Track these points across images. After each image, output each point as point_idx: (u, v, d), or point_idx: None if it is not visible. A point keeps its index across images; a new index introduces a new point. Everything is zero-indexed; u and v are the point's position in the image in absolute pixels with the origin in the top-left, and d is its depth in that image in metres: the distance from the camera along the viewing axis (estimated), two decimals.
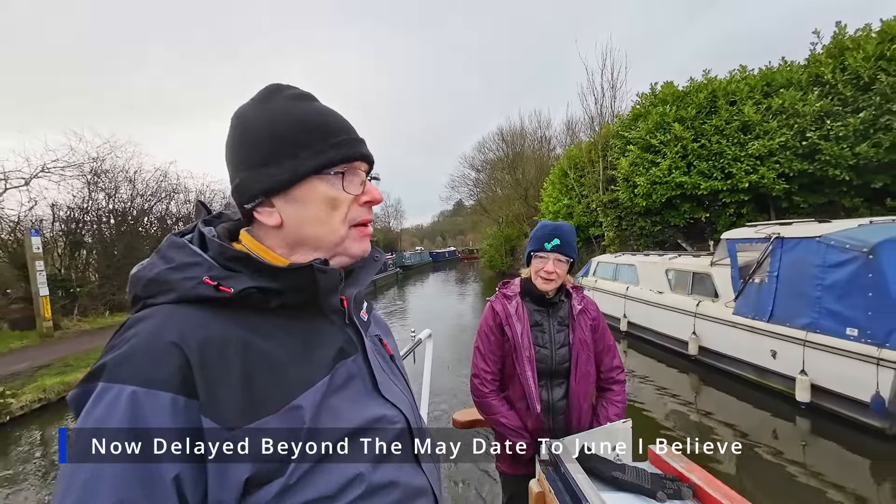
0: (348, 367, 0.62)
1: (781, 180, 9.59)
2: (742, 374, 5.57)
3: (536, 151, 26.55)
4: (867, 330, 4.04)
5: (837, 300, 4.34)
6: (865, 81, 8.54)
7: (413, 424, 0.66)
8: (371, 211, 0.66)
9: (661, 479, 1.10)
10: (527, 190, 24.45)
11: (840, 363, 4.24)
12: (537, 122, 28.47)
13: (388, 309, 15.84)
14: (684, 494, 1.05)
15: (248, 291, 0.53)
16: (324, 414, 0.54)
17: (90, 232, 11.01)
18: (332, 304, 0.64)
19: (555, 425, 1.60)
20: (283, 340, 0.56)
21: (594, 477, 1.12)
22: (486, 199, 31.51)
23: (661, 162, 10.72)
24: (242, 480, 0.46)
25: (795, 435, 4.52)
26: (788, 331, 4.80)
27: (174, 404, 0.45)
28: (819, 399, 4.50)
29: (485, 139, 31.61)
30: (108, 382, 0.45)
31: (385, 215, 56.71)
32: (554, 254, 1.56)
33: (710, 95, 10.54)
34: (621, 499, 1.09)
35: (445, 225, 72.34)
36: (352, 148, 0.62)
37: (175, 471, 0.44)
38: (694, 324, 6.38)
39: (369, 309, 0.78)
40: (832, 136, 8.81)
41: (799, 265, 4.81)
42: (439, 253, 50.08)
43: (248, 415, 0.48)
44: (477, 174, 33.01)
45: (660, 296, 7.39)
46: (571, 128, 23.30)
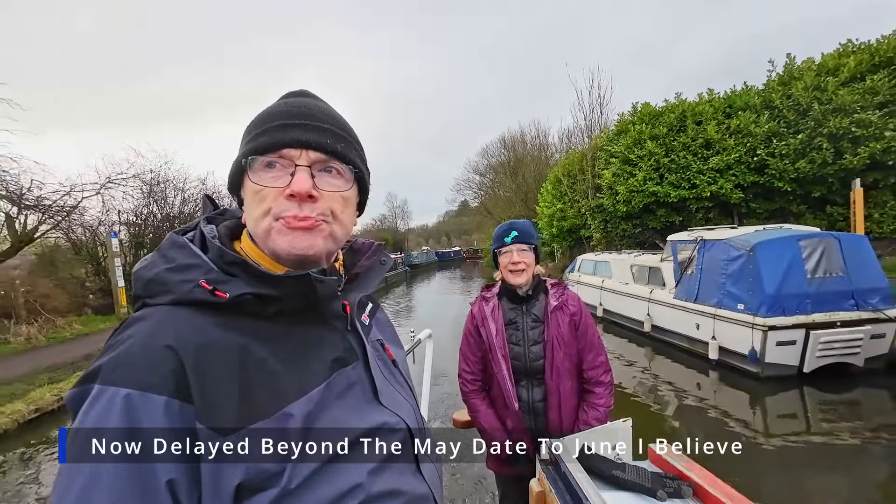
0: (348, 376, 0.60)
1: (738, 190, 11.27)
2: (679, 343, 7.28)
3: (535, 158, 28.33)
4: (748, 305, 5.74)
5: (733, 285, 6.04)
6: (804, 108, 10.19)
7: (414, 431, 0.65)
8: (301, 207, 0.56)
9: (661, 478, 1.08)
10: (526, 193, 26.23)
11: (734, 329, 5.94)
12: (536, 131, 30.27)
13: (398, 305, 17.14)
14: (684, 493, 1.03)
15: (244, 297, 0.52)
16: (320, 423, 0.53)
17: (148, 234, 12.93)
18: (333, 310, 0.62)
19: (536, 425, 1.60)
20: (280, 347, 0.55)
21: (594, 476, 1.10)
22: (489, 201, 33.33)
23: (637, 173, 12.43)
24: (234, 486, 0.46)
25: (709, 384, 6.22)
26: (705, 308, 6.50)
27: (168, 408, 0.45)
28: (723, 356, 6.21)
29: (488, 145, 33.60)
30: (103, 385, 0.45)
31: (392, 216, 58.69)
32: (515, 244, 1.59)
33: (681, 115, 12.23)
34: (622, 498, 1.06)
35: (450, 225, 72.65)
36: (275, 134, 0.56)
37: (169, 475, 0.44)
38: (648, 307, 8.09)
39: (372, 312, 0.74)
40: (777, 154, 10.49)
41: (713, 260, 6.52)
42: (445, 252, 51.12)
43: (241, 420, 0.48)
44: (481, 178, 34.89)
45: (625, 286, 9.11)
46: (568, 137, 25.15)
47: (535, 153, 28.74)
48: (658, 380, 6.70)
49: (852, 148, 9.30)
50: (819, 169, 9.89)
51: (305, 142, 0.57)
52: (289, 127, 0.57)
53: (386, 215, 58.38)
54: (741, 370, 5.93)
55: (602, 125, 17.37)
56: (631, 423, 1.34)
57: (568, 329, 1.59)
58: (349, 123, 0.65)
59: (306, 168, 0.57)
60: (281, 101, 0.62)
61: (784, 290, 5.50)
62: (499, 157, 31.86)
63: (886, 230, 9.81)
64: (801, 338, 5.47)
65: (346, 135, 0.62)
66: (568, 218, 17.81)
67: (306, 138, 0.57)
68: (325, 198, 0.58)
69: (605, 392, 1.60)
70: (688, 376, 6.54)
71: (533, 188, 25.05)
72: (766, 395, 5.55)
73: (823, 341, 5.40)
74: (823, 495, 3.59)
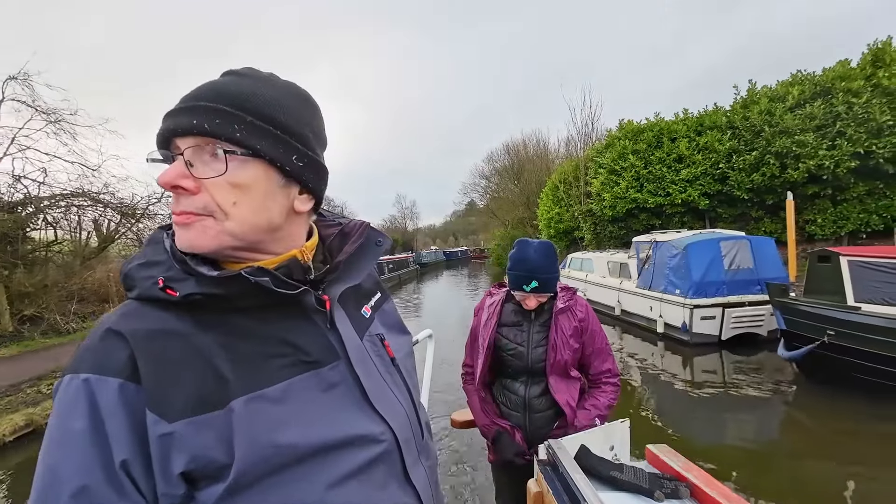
0: (323, 377, 0.57)
1: (704, 198, 13.13)
2: (639, 323, 9.21)
3: (536, 166, 30.32)
4: (682, 290, 7.66)
5: (673, 275, 7.96)
6: (757, 129, 12.03)
7: (401, 439, 0.62)
8: (178, 201, 0.52)
9: (658, 479, 1.07)
10: (528, 197, 28.17)
11: (672, 309, 7.88)
12: (536, 140, 32.43)
13: (408, 301, 17.94)
14: (682, 494, 1.03)
15: (194, 297, 0.51)
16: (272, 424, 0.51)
17: None
18: (308, 304, 0.58)
19: (531, 424, 1.60)
20: (239, 343, 0.53)
21: (592, 476, 1.08)
22: (494, 203, 35.33)
23: (621, 182, 14.34)
24: (178, 472, 0.47)
25: (658, 352, 8.13)
26: (656, 294, 8.43)
27: (122, 390, 0.46)
28: (667, 330, 8.14)
29: (493, 152, 35.66)
30: (70, 374, 0.47)
31: (402, 217, 60.87)
32: (534, 293, 1.53)
33: (658, 133, 14.11)
34: (619, 498, 1.06)
35: (457, 225, 74.18)
36: (161, 124, 0.52)
37: (123, 455, 0.45)
38: (618, 295, 10.02)
39: (379, 303, 0.72)
40: (736, 167, 12.35)
41: (662, 257, 8.44)
42: (452, 252, 52.34)
43: (189, 410, 0.48)
44: (487, 182, 36.95)
45: (603, 279, 11.05)
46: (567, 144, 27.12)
47: (536, 161, 30.73)
48: (623, 352, 8.64)
49: (794, 164, 11.14)
50: (769, 181, 11.74)
51: (173, 129, 0.50)
52: (169, 115, 0.52)
53: (395, 216, 60.62)
54: (677, 339, 7.86)
55: (595, 138, 19.32)
56: (629, 423, 1.34)
57: (574, 333, 1.57)
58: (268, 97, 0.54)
59: (180, 157, 0.51)
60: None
61: (707, 278, 7.41)
62: (503, 162, 33.98)
63: (827, 232, 11.63)
64: (719, 314, 7.37)
65: (235, 109, 0.51)
66: (563, 221, 19.76)
67: (175, 124, 0.50)
68: (207, 187, 0.51)
69: (609, 392, 1.60)
70: (645, 348, 8.45)
71: (535, 191, 27.02)
72: (694, 356, 7.41)
73: (735, 316, 7.31)
74: (734, 430, 4.69)
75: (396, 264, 25.94)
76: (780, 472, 3.70)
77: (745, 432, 4.65)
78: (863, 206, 11.22)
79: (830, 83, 11.10)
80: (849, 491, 3.41)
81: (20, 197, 9.20)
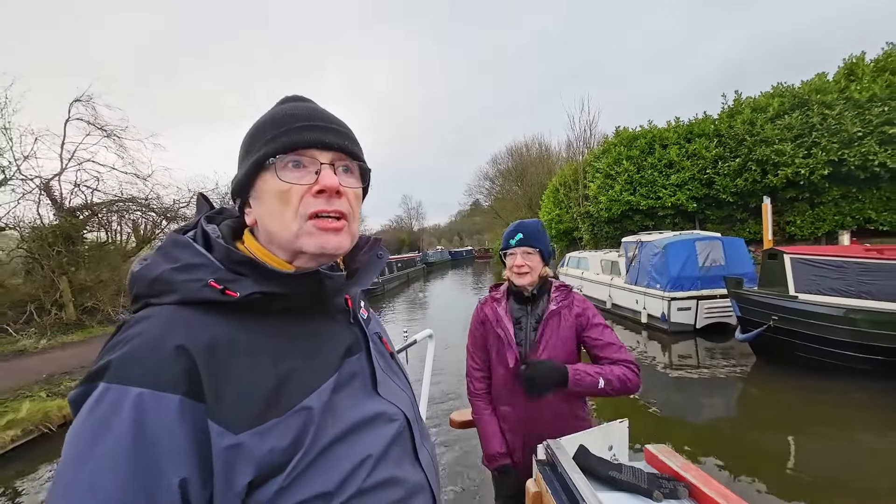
0: (352, 365, 0.62)
1: (693, 201, 14.11)
2: (626, 315, 10.24)
3: (538, 168, 31.37)
4: (661, 284, 8.69)
5: (655, 272, 8.99)
6: (741, 138, 13.00)
7: (412, 420, 0.67)
8: (330, 202, 0.59)
9: (657, 479, 1.08)
10: (531, 199, 29.21)
11: (654, 301, 8.90)
12: (538, 144, 33.48)
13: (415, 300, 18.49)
14: (680, 494, 1.03)
15: (254, 296, 0.53)
16: (328, 413, 0.54)
17: None
18: (336, 304, 0.65)
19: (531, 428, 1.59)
20: (289, 342, 0.56)
21: (591, 477, 1.09)
22: (497, 204, 36.41)
23: (616, 186, 15.34)
24: (246, 483, 0.47)
25: (642, 340, 9.14)
26: (641, 289, 9.45)
27: (181, 407, 0.45)
28: (650, 320, 9.17)
29: (497, 154, 36.76)
30: (110, 383, 0.45)
31: (408, 217, 62.05)
32: (520, 248, 1.58)
33: (651, 140, 15.09)
34: (618, 498, 1.06)
35: (463, 224, 74.55)
36: (296, 134, 0.59)
37: (181, 473, 0.44)
38: (609, 291, 11.05)
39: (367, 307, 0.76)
40: (721, 173, 13.31)
41: (646, 255, 9.46)
42: (457, 252, 52.65)
43: (255, 418, 0.48)
44: (491, 183, 38.05)
45: (597, 276, 12.08)
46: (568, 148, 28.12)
47: (539, 164, 31.79)
48: None
49: (773, 170, 12.10)
50: (752, 185, 12.70)
51: (327, 142, 0.59)
52: (306, 128, 0.59)
53: (402, 216, 61.79)
54: (658, 328, 8.89)
55: (593, 144, 20.36)
56: (627, 423, 1.33)
57: (570, 330, 1.57)
58: None
59: (329, 166, 0.59)
60: (284, 105, 0.63)
61: (683, 274, 8.43)
62: (506, 164, 35.08)
63: (805, 233, 12.57)
64: (694, 305, 8.38)
65: (353, 136, 0.65)
66: (564, 222, 20.79)
67: (327, 139, 0.59)
68: (347, 195, 0.60)
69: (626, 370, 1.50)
70: (632, 336, 9.48)
71: (537, 194, 28.06)
72: (672, 343, 8.42)
73: (708, 308, 8.32)
74: (705, 406, 5.26)
75: (404, 263, 26.95)
76: (738, 437, 4.33)
77: (714, 406, 5.29)
78: (838, 208, 12.15)
79: (808, 95, 12.04)
80: (792, 448, 4.06)
81: (79, 202, 10.44)
